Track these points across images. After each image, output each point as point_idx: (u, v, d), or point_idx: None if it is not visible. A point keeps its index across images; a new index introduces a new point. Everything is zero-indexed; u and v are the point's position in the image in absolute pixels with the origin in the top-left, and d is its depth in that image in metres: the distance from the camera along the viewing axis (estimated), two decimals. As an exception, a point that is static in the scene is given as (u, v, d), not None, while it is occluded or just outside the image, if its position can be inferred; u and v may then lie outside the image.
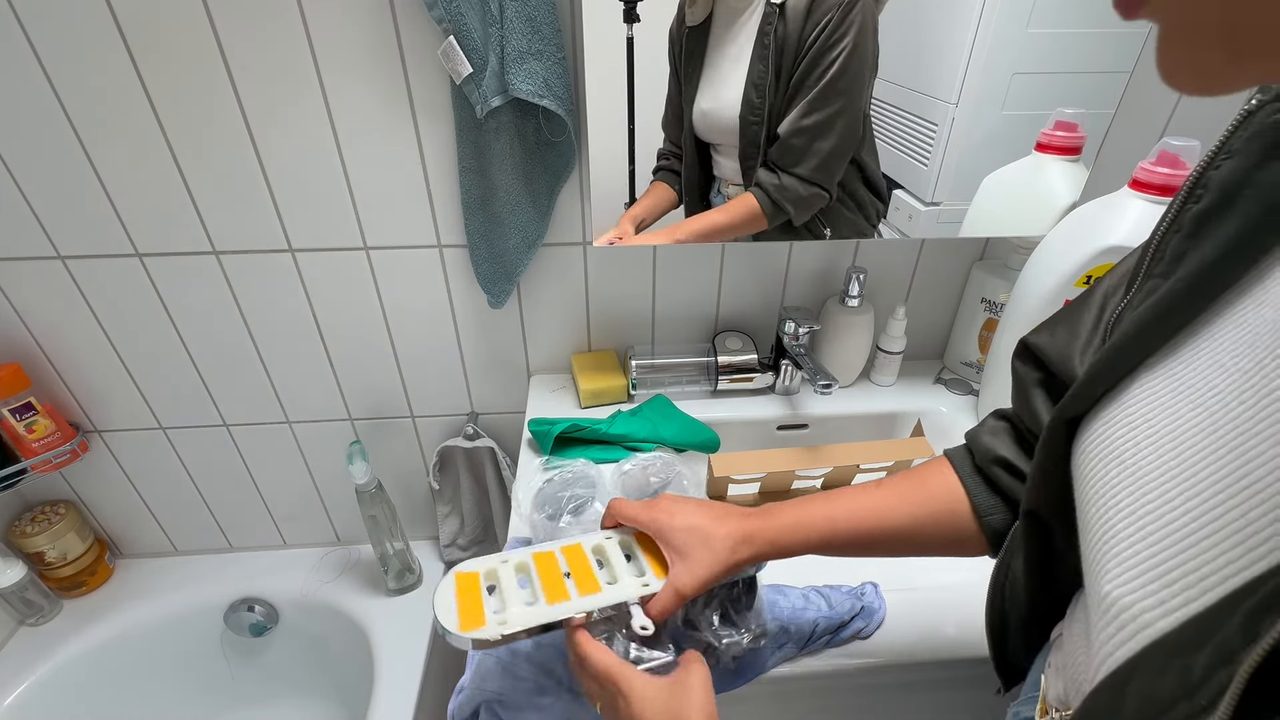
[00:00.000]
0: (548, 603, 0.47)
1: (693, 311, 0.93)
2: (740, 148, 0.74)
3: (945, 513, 0.49)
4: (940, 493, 0.49)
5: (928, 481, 0.50)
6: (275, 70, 0.72)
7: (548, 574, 0.49)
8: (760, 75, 0.70)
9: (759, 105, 0.71)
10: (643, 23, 0.67)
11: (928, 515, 0.49)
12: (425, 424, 1.02)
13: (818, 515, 0.49)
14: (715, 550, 0.47)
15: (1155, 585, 0.25)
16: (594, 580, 0.49)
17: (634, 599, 0.47)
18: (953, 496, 0.49)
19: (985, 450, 0.48)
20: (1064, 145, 0.77)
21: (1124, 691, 0.25)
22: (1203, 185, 0.32)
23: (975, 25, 0.70)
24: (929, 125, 0.75)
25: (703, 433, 0.82)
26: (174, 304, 0.87)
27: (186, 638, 1.09)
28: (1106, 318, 0.41)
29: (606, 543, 0.52)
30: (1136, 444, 0.29)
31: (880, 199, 0.80)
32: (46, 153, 0.75)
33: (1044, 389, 0.44)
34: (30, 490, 1.02)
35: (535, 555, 0.51)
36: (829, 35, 0.67)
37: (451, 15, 0.66)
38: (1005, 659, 0.49)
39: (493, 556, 0.51)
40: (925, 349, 0.99)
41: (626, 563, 0.51)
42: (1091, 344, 0.41)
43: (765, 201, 0.75)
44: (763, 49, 0.69)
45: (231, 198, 0.80)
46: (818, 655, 0.60)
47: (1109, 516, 0.29)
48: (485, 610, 0.46)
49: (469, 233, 0.82)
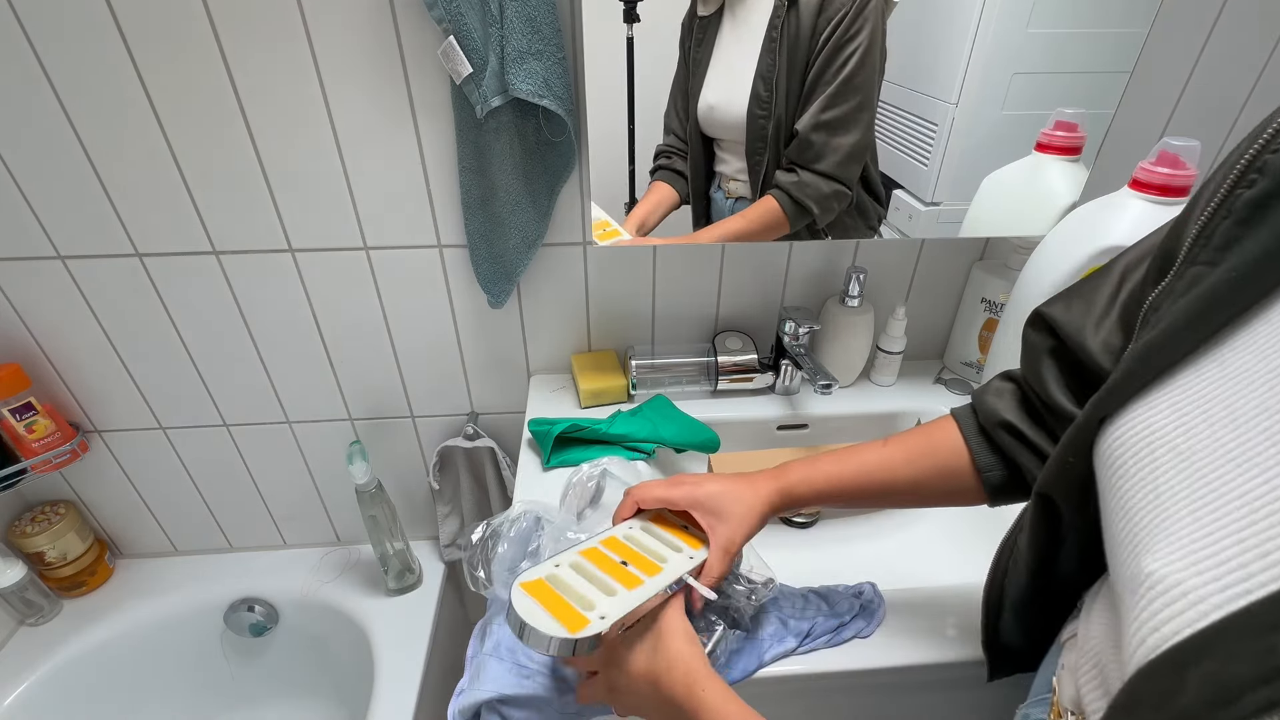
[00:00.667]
0: (628, 590, 0.47)
1: (693, 311, 0.93)
2: (746, 143, 0.74)
3: (948, 469, 0.52)
4: (944, 451, 0.52)
5: (933, 439, 0.53)
6: (275, 70, 0.72)
7: (608, 566, 0.49)
8: (769, 68, 0.69)
9: (766, 99, 0.71)
10: (643, 23, 0.67)
11: (932, 471, 0.52)
12: (425, 424, 1.02)
13: (829, 471, 0.53)
14: (750, 504, 0.51)
15: (1212, 565, 0.24)
16: (651, 563, 0.50)
17: (689, 572, 0.50)
18: (956, 454, 0.51)
19: (990, 412, 0.50)
20: (1064, 145, 0.77)
21: (1183, 675, 0.23)
22: (1257, 169, 0.30)
23: (975, 25, 0.70)
24: (929, 125, 0.75)
25: (703, 433, 0.82)
26: (174, 304, 0.87)
27: (186, 638, 1.09)
28: (1124, 295, 0.41)
29: (633, 532, 0.54)
30: (1188, 428, 0.28)
31: (879, 202, 0.80)
32: (46, 153, 0.75)
33: (1054, 358, 0.45)
34: (30, 490, 1.02)
35: (583, 553, 0.51)
36: (844, 31, 0.67)
37: (451, 15, 0.66)
38: (997, 640, 0.51)
39: (543, 564, 0.50)
40: (925, 349, 0.99)
41: (659, 541, 0.53)
42: (1107, 317, 0.42)
43: (786, 202, 0.74)
44: (772, 42, 0.68)
45: (231, 198, 0.80)
46: (818, 655, 0.60)
47: (1158, 499, 0.28)
48: (576, 609, 0.45)
49: (469, 233, 0.82)
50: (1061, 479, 0.39)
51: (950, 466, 0.52)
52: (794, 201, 0.74)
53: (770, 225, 0.76)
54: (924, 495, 0.53)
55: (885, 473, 0.53)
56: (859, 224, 0.80)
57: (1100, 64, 0.75)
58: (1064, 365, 0.45)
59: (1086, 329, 0.42)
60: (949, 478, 0.52)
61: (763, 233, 0.78)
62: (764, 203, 0.75)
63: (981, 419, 0.51)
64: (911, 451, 0.53)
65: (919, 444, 0.53)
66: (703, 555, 0.51)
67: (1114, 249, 0.67)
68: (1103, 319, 0.42)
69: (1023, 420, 0.48)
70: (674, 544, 0.52)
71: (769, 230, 0.77)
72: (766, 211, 0.75)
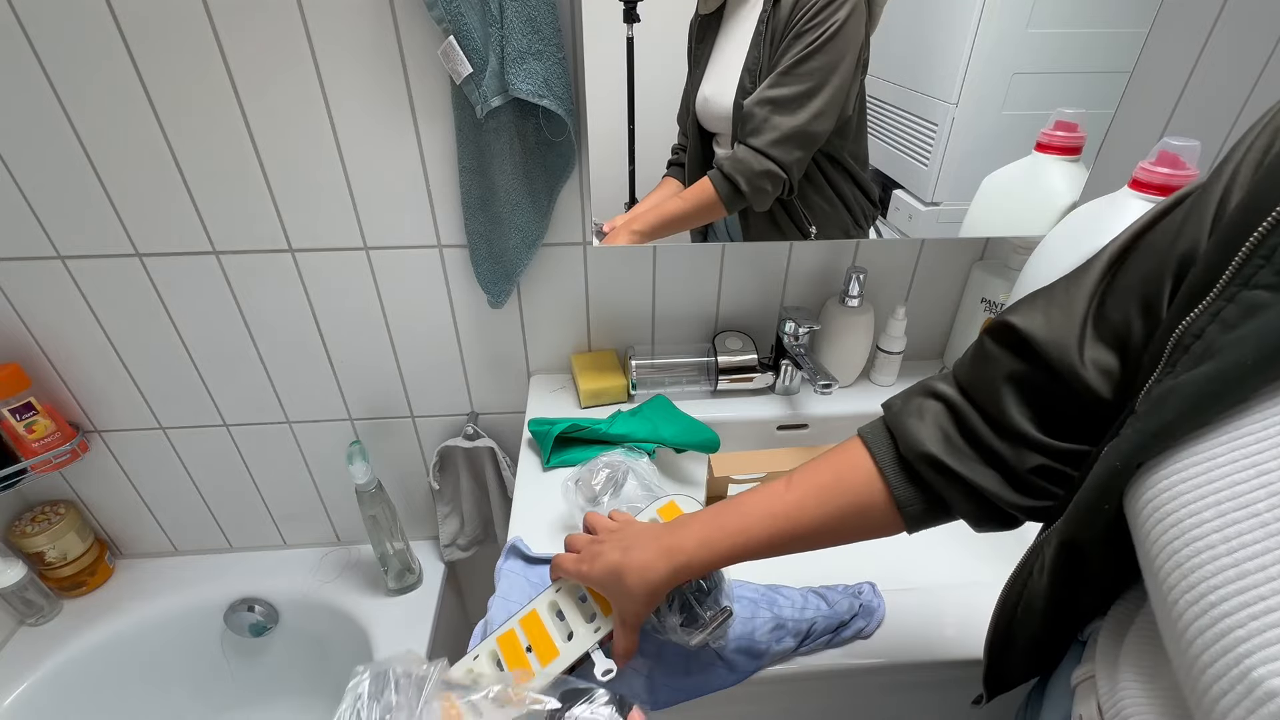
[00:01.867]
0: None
1: (693, 311, 0.93)
2: (733, 134, 0.74)
3: (862, 506, 0.46)
4: (857, 485, 0.46)
5: (841, 473, 0.47)
6: (275, 70, 0.72)
7: (513, 656, 0.52)
8: (754, 60, 0.70)
9: (751, 90, 0.71)
10: (643, 23, 0.67)
11: (846, 509, 0.47)
12: (425, 424, 1.02)
13: (731, 528, 0.48)
14: (631, 589, 0.47)
15: None
16: (552, 645, 0.51)
17: (593, 646, 0.51)
18: (870, 488, 0.46)
19: (912, 442, 0.44)
20: (1064, 145, 0.77)
21: None
22: None
23: (975, 25, 0.70)
24: (929, 125, 0.75)
25: (703, 433, 0.82)
26: (174, 304, 0.87)
27: (186, 638, 1.09)
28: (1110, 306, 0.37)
29: (557, 596, 0.55)
30: (1274, 491, 0.24)
31: (870, 199, 0.80)
32: (46, 153, 0.75)
33: (1017, 382, 0.40)
34: (30, 490, 1.02)
35: (499, 640, 0.53)
36: (810, 18, 0.67)
37: (451, 15, 0.66)
38: (999, 680, 0.47)
39: (465, 658, 0.53)
40: (925, 349, 0.99)
41: (582, 604, 0.54)
42: (1089, 332, 0.38)
43: (718, 178, 0.72)
44: (759, 35, 0.69)
45: (231, 198, 0.80)
46: (818, 655, 0.60)
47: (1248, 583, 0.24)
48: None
49: (469, 233, 0.82)
50: (1094, 526, 0.34)
51: (864, 503, 0.46)
52: (725, 178, 0.72)
53: (704, 205, 0.74)
54: (839, 535, 0.48)
55: (793, 521, 0.47)
56: (842, 214, 0.79)
57: (1100, 64, 0.75)
58: (1032, 387, 0.40)
59: (1072, 348, 0.37)
60: (864, 514, 0.46)
61: (699, 213, 0.76)
62: (700, 183, 0.74)
63: (901, 448, 0.45)
64: (821, 491, 0.47)
65: (827, 480, 0.48)
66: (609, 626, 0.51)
67: (1114, 249, 0.67)
68: (1084, 334, 0.37)
69: (949, 453, 0.43)
70: (590, 609, 0.53)
71: (705, 210, 0.75)
72: (701, 191, 0.73)
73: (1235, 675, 0.23)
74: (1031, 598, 0.40)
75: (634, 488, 0.67)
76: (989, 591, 0.55)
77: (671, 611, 0.53)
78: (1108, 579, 0.37)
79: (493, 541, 1.13)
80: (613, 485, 0.68)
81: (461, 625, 1.21)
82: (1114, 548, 0.33)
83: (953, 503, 0.44)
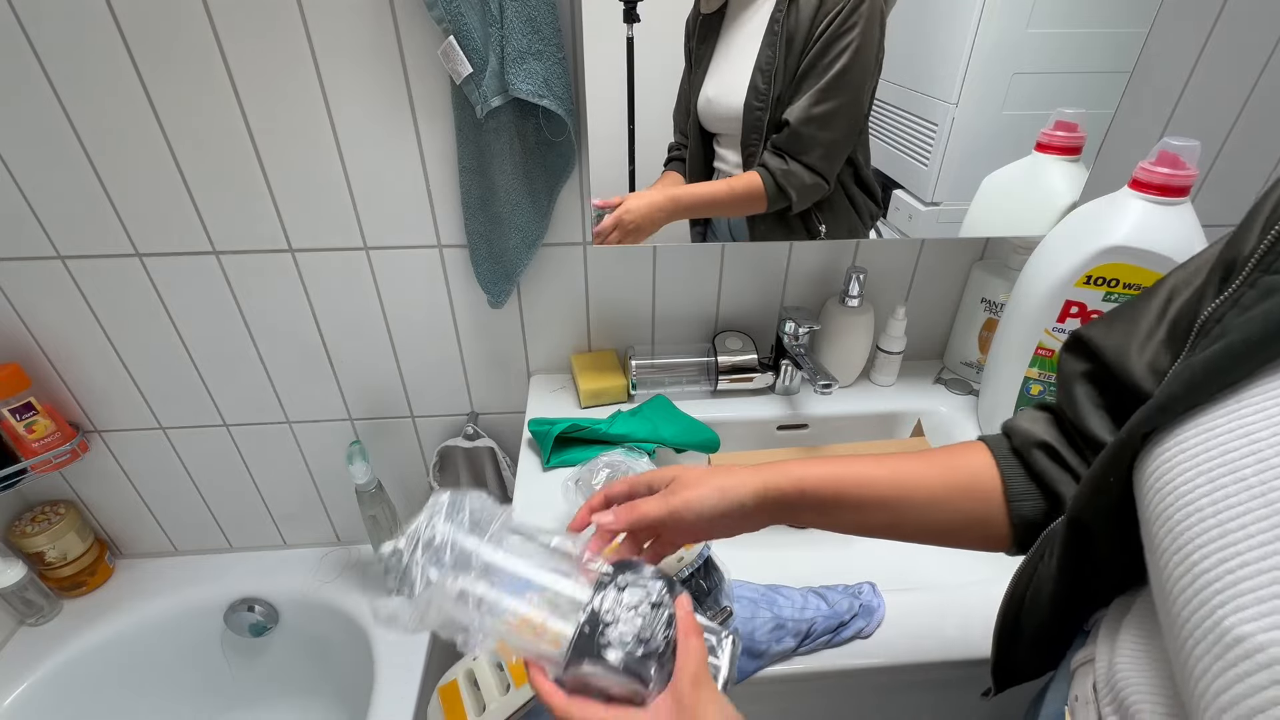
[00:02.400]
0: (515, 686, 0.49)
1: (693, 311, 0.93)
2: (742, 134, 0.74)
3: (974, 490, 0.45)
4: (973, 468, 0.45)
5: (958, 455, 0.46)
6: (275, 70, 0.72)
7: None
8: (768, 61, 0.70)
9: (764, 91, 0.71)
10: (642, 23, 0.67)
11: (955, 488, 0.45)
12: (425, 424, 1.02)
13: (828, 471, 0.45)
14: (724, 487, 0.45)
15: None
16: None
17: None
18: (985, 475, 0.45)
19: (1025, 434, 0.45)
20: (1064, 145, 0.77)
21: None
22: None
23: (975, 25, 0.70)
24: (929, 125, 0.75)
25: (703, 433, 0.82)
26: (174, 304, 0.87)
27: (186, 638, 1.09)
28: (1173, 313, 0.38)
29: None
30: (1260, 456, 0.25)
31: (872, 199, 0.80)
32: (47, 153, 0.75)
33: (1089, 381, 0.42)
34: (30, 490, 1.02)
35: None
36: (839, 25, 0.67)
37: (451, 15, 0.66)
38: (1007, 671, 0.47)
39: (465, 658, 0.53)
40: (925, 349, 0.99)
41: None
42: (1153, 338, 0.38)
43: (770, 183, 0.75)
44: (772, 36, 0.69)
45: (231, 198, 0.80)
46: (818, 655, 0.60)
47: (1225, 538, 0.25)
48: (469, 717, 0.49)
49: (469, 233, 0.82)
50: (1098, 503, 0.35)
51: (978, 487, 0.44)
52: (777, 185, 0.75)
53: (750, 198, 0.77)
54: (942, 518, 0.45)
55: (899, 479, 0.45)
56: (852, 216, 0.81)
57: (1100, 64, 0.75)
58: (1101, 389, 0.41)
59: (1130, 350, 0.39)
60: (974, 499, 0.44)
61: (739, 204, 0.79)
62: (748, 177, 0.76)
63: (1015, 441, 0.45)
64: (933, 461, 0.46)
65: (943, 456, 0.47)
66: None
67: (1114, 249, 0.67)
68: (1148, 340, 0.38)
69: (1060, 442, 0.43)
70: None
71: (745, 203, 0.78)
72: (750, 186, 0.76)
73: (1208, 626, 0.25)
74: (1041, 582, 0.40)
75: None
76: (989, 591, 0.56)
77: None
78: (1114, 563, 0.37)
79: (493, 541, 1.12)
80: None
81: (461, 625, 1.21)
82: (1120, 528, 0.34)
83: (1064, 496, 0.43)
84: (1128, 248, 0.66)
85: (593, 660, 0.38)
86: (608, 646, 0.38)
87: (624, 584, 0.41)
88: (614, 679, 0.38)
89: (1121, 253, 0.67)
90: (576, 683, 0.39)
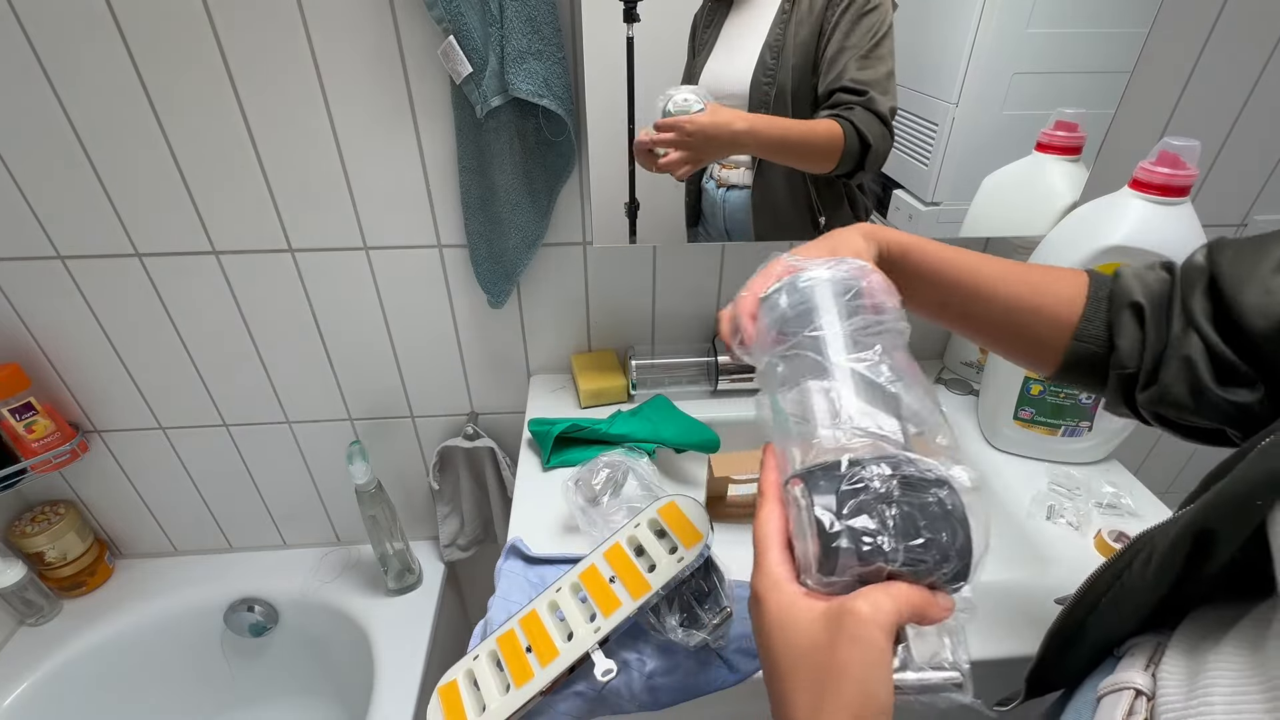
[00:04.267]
0: (516, 686, 0.50)
1: (693, 311, 0.93)
2: (749, 108, 0.74)
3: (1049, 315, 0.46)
4: (1062, 296, 0.46)
5: (1054, 280, 0.47)
6: (275, 70, 0.72)
7: (512, 655, 0.52)
8: (778, 39, 0.70)
9: (772, 67, 0.71)
10: (642, 23, 0.67)
11: (1033, 308, 0.46)
12: (425, 424, 1.02)
13: (935, 249, 0.47)
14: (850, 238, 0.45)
15: None
16: (552, 645, 0.51)
17: (593, 646, 0.50)
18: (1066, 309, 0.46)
19: (1126, 292, 0.44)
20: (1064, 145, 0.77)
21: None
22: None
23: (975, 25, 0.70)
24: (929, 125, 0.75)
25: (703, 433, 0.82)
26: (174, 304, 0.87)
27: (186, 638, 1.08)
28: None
29: (557, 596, 0.54)
30: None
31: (868, 195, 0.80)
32: (46, 153, 0.75)
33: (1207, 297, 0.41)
34: (30, 490, 1.02)
35: (499, 640, 0.53)
36: (863, 4, 0.68)
37: (451, 15, 0.66)
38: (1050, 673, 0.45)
39: (465, 658, 0.54)
40: (925, 349, 0.99)
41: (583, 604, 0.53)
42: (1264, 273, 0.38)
43: (850, 130, 0.72)
44: (784, 14, 0.70)
45: (231, 198, 0.80)
46: (818, 655, 0.60)
47: None
48: (469, 717, 0.50)
49: (469, 233, 0.82)
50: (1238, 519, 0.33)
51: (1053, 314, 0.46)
52: (857, 133, 0.72)
53: (827, 145, 0.73)
54: (1009, 317, 0.47)
55: (995, 277, 0.46)
56: (852, 217, 0.80)
57: (1100, 64, 0.75)
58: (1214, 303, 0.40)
59: (1247, 282, 0.38)
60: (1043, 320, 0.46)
61: (810, 150, 0.74)
62: (829, 123, 0.72)
63: (1115, 287, 0.45)
64: (1027, 278, 0.47)
65: (1038, 274, 0.48)
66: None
67: (1114, 249, 0.67)
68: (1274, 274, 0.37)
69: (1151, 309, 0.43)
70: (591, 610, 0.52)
71: (818, 151, 0.73)
72: (831, 131, 0.72)
73: None
74: (1129, 591, 0.39)
75: (634, 488, 0.67)
76: (988, 591, 0.56)
77: (671, 612, 0.53)
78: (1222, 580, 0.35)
79: (492, 542, 1.13)
80: (613, 485, 0.68)
81: (461, 625, 1.21)
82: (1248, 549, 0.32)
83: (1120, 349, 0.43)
84: (1128, 248, 0.66)
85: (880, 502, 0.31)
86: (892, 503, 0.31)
87: None
88: (871, 537, 0.31)
89: (1122, 253, 0.67)
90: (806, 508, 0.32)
